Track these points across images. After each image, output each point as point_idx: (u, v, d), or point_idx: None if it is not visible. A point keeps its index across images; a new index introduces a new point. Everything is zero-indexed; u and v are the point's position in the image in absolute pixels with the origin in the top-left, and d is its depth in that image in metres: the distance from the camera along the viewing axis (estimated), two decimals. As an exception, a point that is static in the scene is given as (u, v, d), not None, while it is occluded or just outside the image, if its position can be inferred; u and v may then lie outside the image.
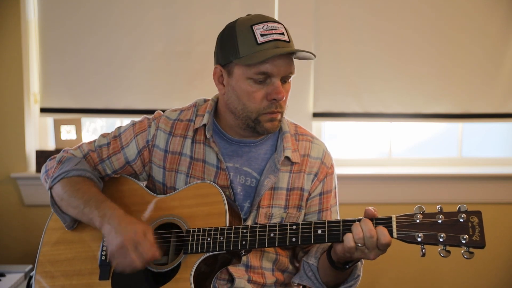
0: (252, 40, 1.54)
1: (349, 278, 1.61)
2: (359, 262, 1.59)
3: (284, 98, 1.58)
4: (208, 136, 1.67)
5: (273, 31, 1.55)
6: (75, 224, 1.67)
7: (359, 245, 1.40)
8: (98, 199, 1.59)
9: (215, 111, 1.73)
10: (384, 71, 3.14)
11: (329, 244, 1.54)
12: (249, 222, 1.65)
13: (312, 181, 1.71)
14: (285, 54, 1.55)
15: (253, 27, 1.55)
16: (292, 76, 1.62)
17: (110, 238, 1.50)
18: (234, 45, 1.56)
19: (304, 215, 1.72)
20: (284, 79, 1.59)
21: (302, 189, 1.70)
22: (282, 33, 1.57)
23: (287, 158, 1.68)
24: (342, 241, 1.43)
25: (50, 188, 1.67)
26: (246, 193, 1.67)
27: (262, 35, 1.54)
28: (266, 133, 1.63)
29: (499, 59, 3.17)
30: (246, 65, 1.55)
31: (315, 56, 1.60)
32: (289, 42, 1.58)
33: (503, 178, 3.20)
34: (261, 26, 1.56)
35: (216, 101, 1.74)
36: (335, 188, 1.77)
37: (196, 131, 1.71)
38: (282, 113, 1.62)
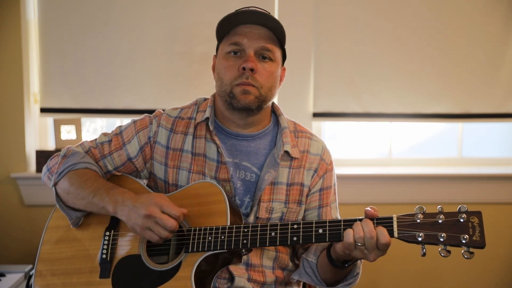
0: (231, 18, 1.64)
1: (348, 276, 1.61)
2: (358, 261, 1.60)
3: (258, 71, 1.61)
4: (211, 128, 1.68)
5: (253, 7, 1.66)
6: (80, 221, 1.68)
7: (359, 244, 1.41)
8: (107, 187, 1.60)
9: (214, 107, 1.75)
10: (384, 71, 3.14)
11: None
12: (250, 217, 1.66)
13: (312, 177, 1.72)
14: (260, 26, 1.61)
15: (237, 10, 1.66)
16: (276, 58, 1.65)
17: (132, 216, 1.50)
18: (219, 28, 1.67)
19: (304, 211, 1.73)
20: (262, 55, 1.63)
21: (302, 185, 1.71)
22: (263, 13, 1.63)
23: (286, 153, 1.69)
24: (343, 240, 1.44)
25: (55, 184, 1.67)
26: (246, 187, 1.68)
27: (239, 10, 1.65)
28: (241, 107, 1.62)
29: (499, 59, 3.17)
30: (224, 41, 1.65)
31: (282, 28, 1.65)
32: (266, 15, 1.63)
33: (503, 178, 3.20)
34: (244, 8, 1.66)
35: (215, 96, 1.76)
36: (335, 184, 1.79)
37: (196, 126, 1.72)
38: (258, 89, 1.62)
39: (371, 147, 3.44)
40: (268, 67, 1.63)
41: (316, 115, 3.15)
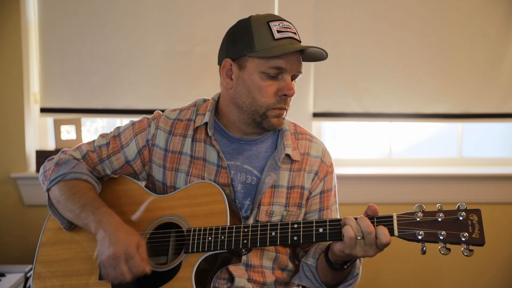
0: (269, 35, 1.57)
1: (348, 277, 1.61)
2: (357, 261, 1.60)
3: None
4: (210, 134, 1.67)
5: (288, 30, 1.60)
6: (72, 226, 1.67)
7: (359, 238, 1.41)
8: (95, 205, 1.59)
9: (216, 110, 1.74)
10: (384, 71, 3.14)
11: (328, 243, 1.55)
12: (250, 220, 1.65)
13: (313, 180, 1.72)
14: (299, 51, 1.59)
15: (269, 23, 1.59)
16: (299, 76, 1.65)
17: (103, 246, 1.49)
18: (250, 39, 1.58)
19: (305, 214, 1.73)
20: (293, 77, 1.63)
21: (302, 188, 1.70)
22: (295, 33, 1.62)
23: (287, 156, 1.69)
24: (343, 239, 1.43)
25: (48, 190, 1.67)
26: (247, 191, 1.68)
27: (278, 31, 1.58)
28: (272, 129, 1.65)
29: (498, 60, 3.17)
30: (262, 59, 1.57)
31: (327, 55, 1.64)
32: (300, 42, 1.63)
33: (503, 178, 3.21)
34: (277, 23, 1.59)
35: (217, 100, 1.74)
36: (335, 186, 1.79)
37: (196, 129, 1.72)
38: (287, 110, 1.65)
39: (371, 147, 3.44)
40: (295, 86, 1.65)
41: (316, 115, 3.15)
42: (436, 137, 3.47)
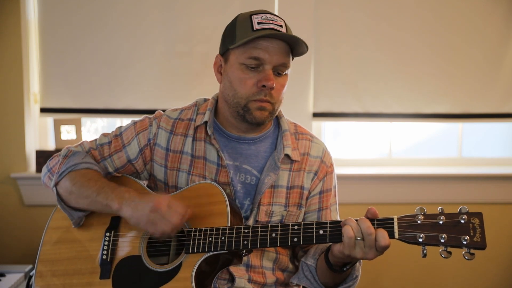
0: (248, 26, 1.58)
1: (348, 279, 1.61)
2: (357, 263, 1.59)
3: (275, 88, 1.59)
4: (209, 133, 1.68)
5: (271, 21, 1.59)
6: (82, 221, 1.67)
7: (358, 238, 1.40)
8: (112, 185, 1.60)
9: (215, 109, 1.74)
10: (384, 71, 3.14)
11: (328, 245, 1.54)
12: (250, 220, 1.65)
13: (312, 180, 1.72)
14: (276, 38, 1.57)
15: (252, 16, 1.60)
16: (288, 71, 1.63)
17: (138, 210, 1.51)
18: (233, 33, 1.60)
19: (304, 214, 1.73)
20: (278, 71, 1.61)
21: (302, 188, 1.71)
22: (280, 25, 1.59)
23: (287, 156, 1.69)
24: (343, 237, 1.43)
25: (56, 184, 1.67)
26: (246, 191, 1.68)
27: (259, 23, 1.58)
28: (255, 122, 1.62)
29: (498, 60, 3.17)
30: (240, 49, 1.58)
31: (307, 47, 1.61)
32: (286, 28, 1.61)
33: (503, 178, 3.21)
34: (260, 16, 1.59)
35: (217, 99, 1.75)
36: (335, 187, 1.78)
37: (196, 129, 1.72)
38: (273, 104, 1.62)
39: (371, 147, 3.44)
40: (282, 82, 1.62)
41: (316, 115, 3.15)
42: (436, 137, 3.46)
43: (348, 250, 1.42)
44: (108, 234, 1.63)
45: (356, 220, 1.43)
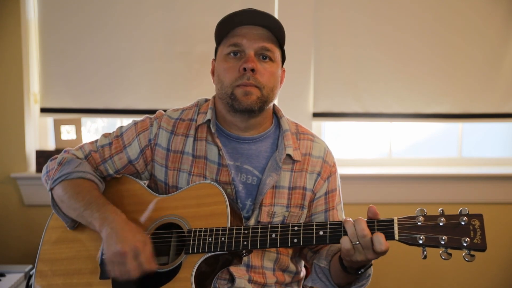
0: (228, 22, 1.64)
1: (361, 278, 1.61)
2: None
3: (259, 71, 1.60)
4: (213, 130, 1.68)
5: (248, 9, 1.65)
6: (76, 224, 1.67)
7: (356, 243, 1.40)
8: (99, 202, 1.59)
9: (215, 109, 1.75)
10: (384, 71, 3.14)
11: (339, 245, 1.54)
12: (251, 220, 1.65)
13: (316, 181, 1.72)
14: (253, 24, 1.62)
15: (230, 13, 1.66)
16: (276, 58, 1.65)
17: (109, 243, 1.48)
18: (216, 33, 1.68)
19: (311, 215, 1.73)
20: (262, 55, 1.62)
21: (304, 188, 1.70)
22: (261, 13, 1.64)
23: (288, 156, 1.68)
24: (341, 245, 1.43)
25: (51, 189, 1.67)
26: (248, 191, 1.68)
27: (235, 14, 1.65)
28: (242, 108, 1.61)
29: (498, 60, 3.17)
30: (223, 44, 1.65)
31: (283, 29, 1.65)
32: (265, 15, 1.64)
33: (503, 178, 3.21)
34: (239, 10, 1.65)
35: None
36: (339, 186, 1.78)
37: (197, 128, 1.72)
38: (260, 89, 1.61)
39: (371, 147, 3.44)
40: (268, 67, 1.62)
41: (316, 115, 3.15)
42: (436, 137, 3.47)
43: (349, 257, 1.44)
44: (108, 234, 1.63)
45: (353, 221, 1.43)
